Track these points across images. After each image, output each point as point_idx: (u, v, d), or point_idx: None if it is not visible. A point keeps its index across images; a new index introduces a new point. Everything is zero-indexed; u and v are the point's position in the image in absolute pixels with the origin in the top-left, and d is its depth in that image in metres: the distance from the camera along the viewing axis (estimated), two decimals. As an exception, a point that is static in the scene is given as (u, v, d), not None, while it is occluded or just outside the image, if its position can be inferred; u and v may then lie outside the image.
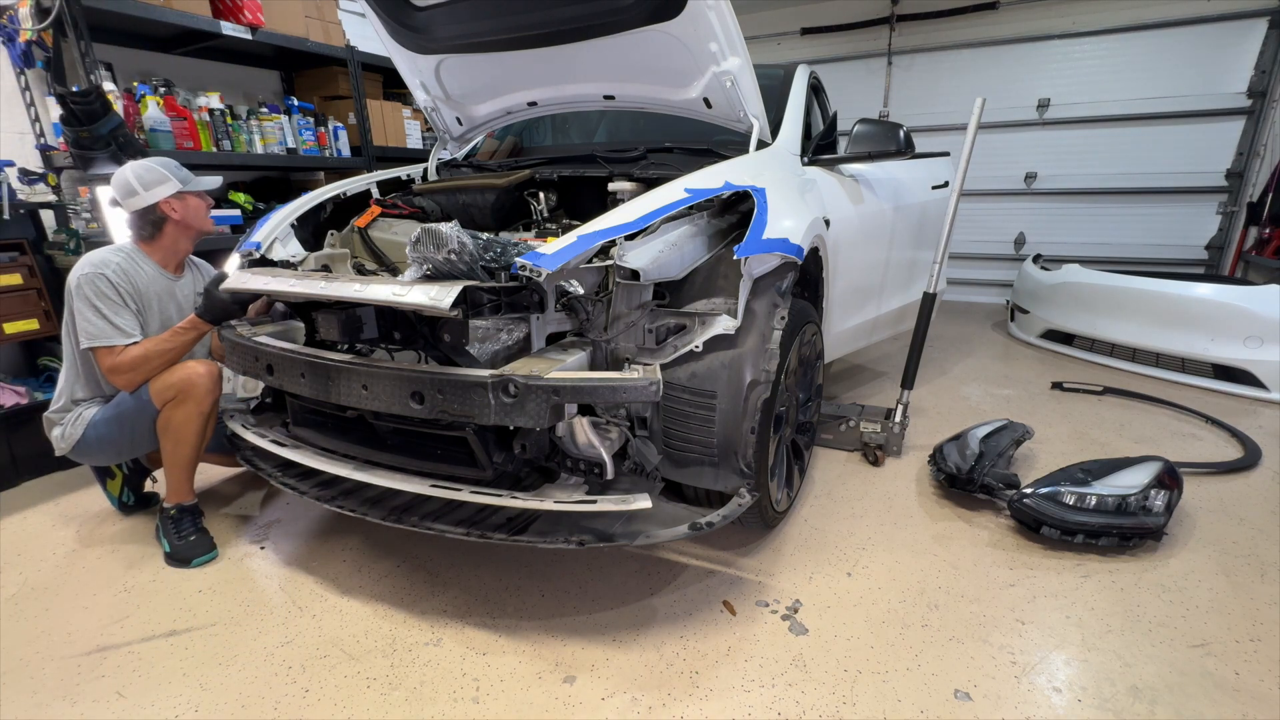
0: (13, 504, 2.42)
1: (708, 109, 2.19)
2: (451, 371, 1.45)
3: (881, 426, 2.67)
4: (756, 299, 1.69)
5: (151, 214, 2.03)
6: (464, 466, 1.62)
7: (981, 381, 3.70)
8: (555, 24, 2.02)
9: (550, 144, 3.08)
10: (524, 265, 1.44)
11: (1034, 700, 1.44)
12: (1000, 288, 5.92)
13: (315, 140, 3.75)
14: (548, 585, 1.86)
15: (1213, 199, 5.19)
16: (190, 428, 1.97)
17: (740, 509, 1.63)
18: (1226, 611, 1.73)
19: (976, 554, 2.00)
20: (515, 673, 1.54)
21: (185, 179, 2.05)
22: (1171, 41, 5.04)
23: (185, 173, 2.08)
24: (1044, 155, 5.67)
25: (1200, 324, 3.55)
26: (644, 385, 1.42)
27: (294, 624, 1.72)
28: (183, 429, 1.96)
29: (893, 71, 6.02)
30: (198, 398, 1.95)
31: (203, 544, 2.03)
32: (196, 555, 2.00)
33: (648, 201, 1.70)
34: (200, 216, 2.14)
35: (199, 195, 2.12)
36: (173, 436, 1.97)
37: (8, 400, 2.56)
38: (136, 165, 2.00)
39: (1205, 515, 2.21)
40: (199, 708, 1.45)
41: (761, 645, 1.61)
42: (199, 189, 2.10)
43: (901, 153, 2.36)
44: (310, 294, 1.59)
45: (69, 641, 1.68)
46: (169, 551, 2.01)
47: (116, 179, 1.99)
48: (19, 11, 2.62)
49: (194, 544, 2.02)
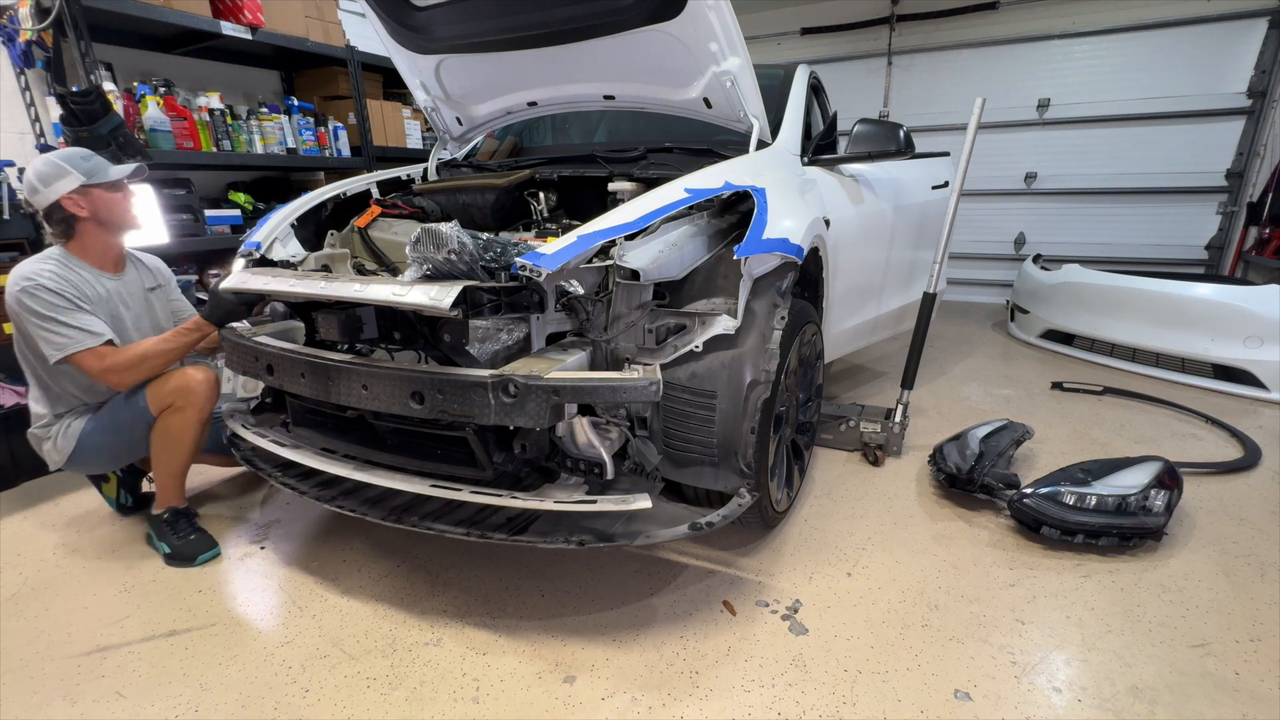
0: (13, 504, 2.42)
1: (708, 109, 2.19)
2: (451, 371, 1.45)
3: (881, 426, 2.67)
4: (756, 299, 1.69)
5: (58, 212, 1.86)
6: (464, 466, 1.62)
7: (981, 381, 3.70)
8: (555, 24, 2.02)
9: (550, 144, 3.08)
10: (524, 265, 1.44)
11: (1034, 700, 1.44)
12: (1000, 288, 5.91)
13: (315, 140, 3.75)
14: (548, 585, 1.86)
15: (1213, 199, 5.19)
16: (188, 435, 1.96)
17: (740, 509, 1.63)
18: (1226, 611, 1.73)
19: (976, 554, 2.00)
20: (515, 673, 1.54)
21: (91, 170, 1.86)
22: (1171, 41, 5.04)
23: (95, 162, 1.89)
24: (1044, 155, 5.66)
25: (1200, 324, 3.55)
26: (644, 385, 1.42)
27: (294, 624, 1.72)
28: (180, 436, 1.95)
29: (893, 71, 6.02)
30: (197, 405, 1.94)
31: (203, 541, 2.03)
32: (200, 552, 2.00)
33: (648, 201, 1.70)
34: (114, 210, 1.93)
35: (110, 186, 1.90)
36: (169, 443, 1.96)
37: (8, 400, 2.56)
38: (40, 160, 1.84)
39: (1205, 515, 2.21)
40: (199, 708, 1.45)
41: (761, 645, 1.61)
42: (106, 179, 1.89)
43: (901, 153, 2.36)
44: (310, 294, 1.59)
45: (69, 641, 1.68)
46: (169, 553, 2.00)
47: (25, 174, 1.86)
48: (19, 11, 2.62)
49: (194, 542, 2.01)
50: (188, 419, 1.94)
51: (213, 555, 2.01)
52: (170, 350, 1.93)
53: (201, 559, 1.99)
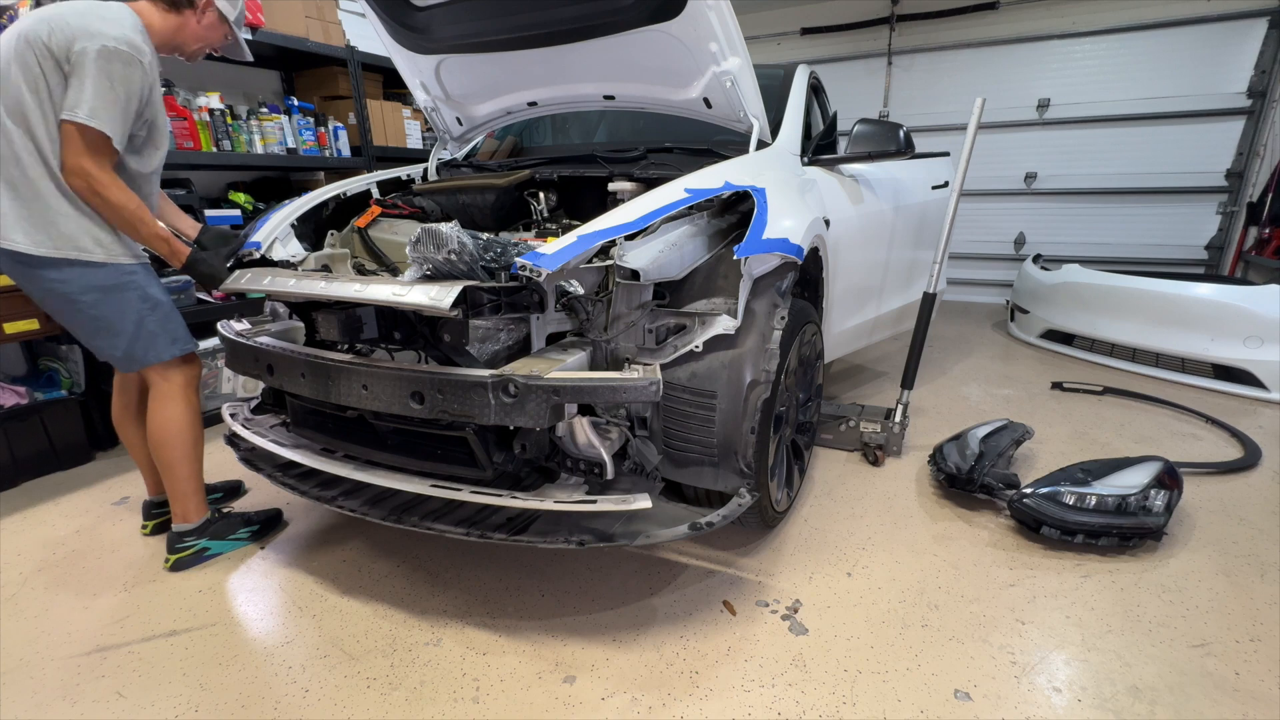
0: (13, 504, 2.42)
1: (708, 109, 2.19)
2: (451, 371, 1.45)
3: (881, 426, 2.67)
4: (756, 299, 1.69)
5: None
6: (464, 466, 1.61)
7: (981, 381, 3.70)
8: (555, 24, 2.02)
9: (550, 144, 3.07)
10: (524, 265, 1.44)
11: (1034, 700, 1.44)
12: (1000, 288, 5.92)
13: (315, 140, 3.75)
14: (548, 585, 1.86)
15: (1213, 199, 5.19)
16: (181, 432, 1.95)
17: (740, 509, 1.63)
18: (1226, 611, 1.73)
19: (976, 554, 2.00)
20: (515, 673, 1.54)
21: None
22: (1171, 41, 5.04)
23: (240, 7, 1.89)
24: (1044, 155, 5.67)
25: (1200, 324, 3.55)
26: (644, 385, 1.42)
27: (294, 624, 1.72)
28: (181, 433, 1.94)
29: (893, 71, 6.02)
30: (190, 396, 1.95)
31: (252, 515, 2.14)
32: (268, 515, 2.17)
33: (648, 201, 1.69)
34: (204, 37, 1.86)
35: (225, 22, 1.88)
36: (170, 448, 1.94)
37: (8, 400, 2.56)
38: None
39: (1205, 515, 2.21)
40: (199, 708, 1.45)
41: (761, 645, 1.62)
42: (231, 16, 1.87)
43: (901, 153, 2.36)
44: (310, 294, 1.59)
45: (69, 641, 1.68)
46: (254, 532, 2.12)
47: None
48: (19, 11, 2.62)
49: (256, 513, 2.16)
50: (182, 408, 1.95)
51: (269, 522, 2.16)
52: (144, 226, 1.74)
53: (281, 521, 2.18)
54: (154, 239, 1.77)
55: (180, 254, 1.82)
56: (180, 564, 1.96)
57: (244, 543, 2.07)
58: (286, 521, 2.20)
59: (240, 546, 2.06)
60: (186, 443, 1.93)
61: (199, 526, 2.00)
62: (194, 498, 1.99)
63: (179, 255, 1.82)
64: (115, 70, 1.61)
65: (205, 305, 3.17)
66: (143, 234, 1.75)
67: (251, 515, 2.13)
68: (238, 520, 2.08)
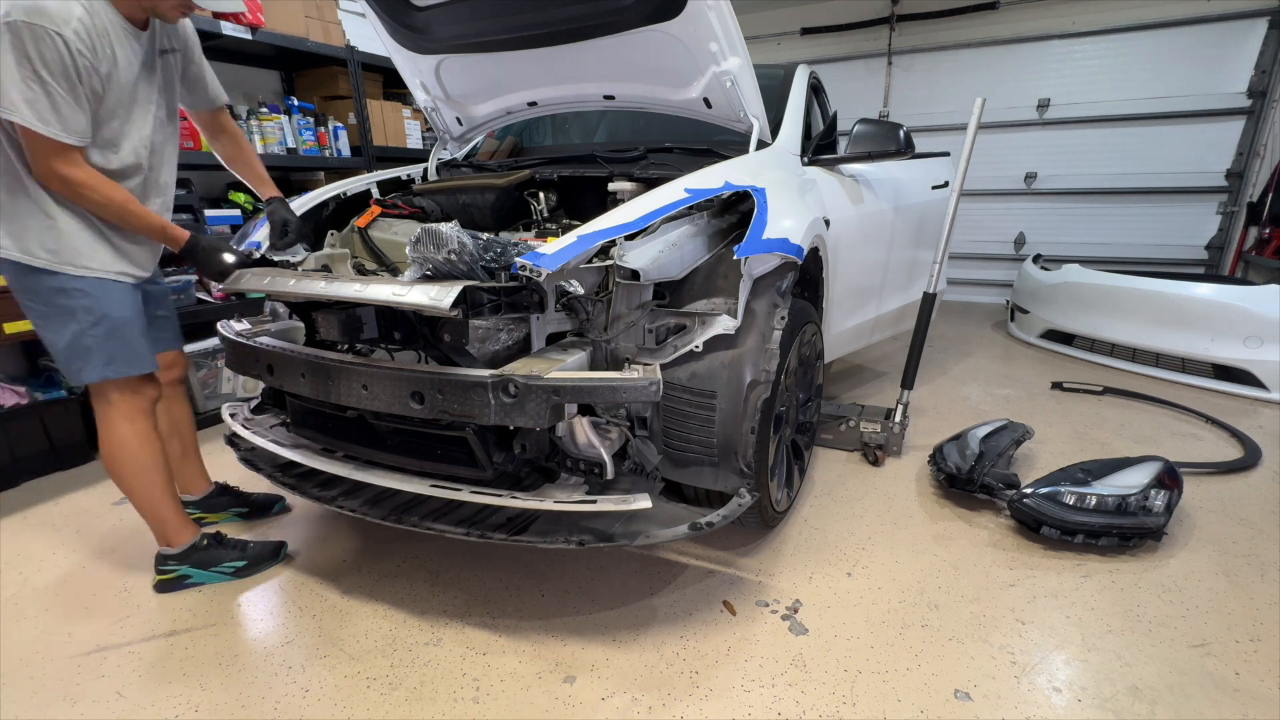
0: (13, 504, 2.42)
1: (708, 109, 2.19)
2: (451, 371, 1.45)
3: (881, 426, 2.67)
4: (756, 299, 1.69)
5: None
6: (464, 466, 1.61)
7: (981, 381, 3.70)
8: (555, 24, 2.02)
9: (550, 144, 3.07)
10: (524, 265, 1.44)
11: (1034, 700, 1.44)
12: (1000, 288, 5.92)
13: (315, 140, 3.75)
14: (548, 585, 1.86)
15: (1213, 199, 5.19)
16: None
17: (740, 509, 1.63)
18: (1226, 611, 1.73)
19: (976, 554, 2.00)
20: (515, 673, 1.54)
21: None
22: (1171, 41, 5.04)
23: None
24: (1044, 155, 5.67)
25: (1200, 324, 3.55)
26: (644, 385, 1.42)
27: (294, 624, 1.72)
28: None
29: (893, 71, 6.02)
30: None
31: (261, 545, 2.00)
32: (276, 548, 2.00)
33: (648, 201, 1.69)
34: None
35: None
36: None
37: (8, 400, 2.56)
38: None
39: (1205, 515, 2.21)
40: (199, 708, 1.45)
41: (761, 645, 1.62)
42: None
43: (901, 153, 2.36)
44: (310, 294, 1.59)
45: (69, 641, 1.68)
46: (243, 565, 1.93)
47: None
48: None
49: (259, 544, 1.99)
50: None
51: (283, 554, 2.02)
52: (135, 219, 1.64)
53: (281, 555, 2.00)
54: (149, 229, 1.68)
55: (179, 239, 1.72)
56: (163, 586, 1.89)
57: (227, 577, 1.90)
58: (291, 555, 2.03)
59: (223, 580, 1.90)
60: (135, 469, 1.78)
61: (182, 552, 1.88)
62: (171, 522, 1.87)
63: (177, 240, 1.72)
64: (28, 50, 1.37)
65: (205, 305, 3.17)
66: (135, 226, 1.65)
67: (250, 546, 1.97)
68: (231, 549, 1.94)
